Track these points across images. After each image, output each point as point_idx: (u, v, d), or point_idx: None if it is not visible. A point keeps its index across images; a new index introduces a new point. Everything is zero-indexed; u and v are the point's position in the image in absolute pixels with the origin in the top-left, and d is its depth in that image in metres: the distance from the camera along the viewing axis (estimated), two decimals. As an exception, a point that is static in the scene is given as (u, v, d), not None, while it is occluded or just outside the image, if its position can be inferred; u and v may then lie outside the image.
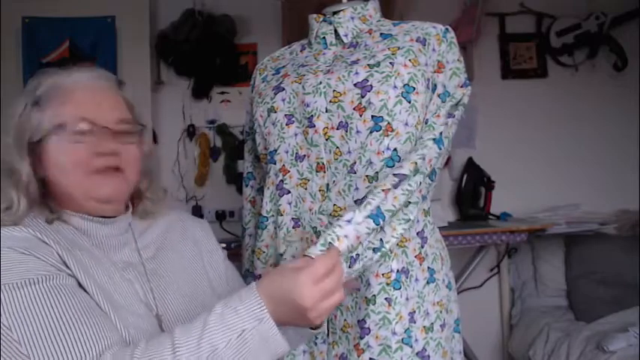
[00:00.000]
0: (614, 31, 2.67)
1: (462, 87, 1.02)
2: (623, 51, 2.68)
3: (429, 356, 0.98)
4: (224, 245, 2.28)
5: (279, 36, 2.57)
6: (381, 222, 0.90)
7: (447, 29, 1.03)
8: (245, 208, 1.27)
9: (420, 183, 0.96)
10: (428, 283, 1.01)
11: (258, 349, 0.76)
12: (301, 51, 1.14)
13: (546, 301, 2.55)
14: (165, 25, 2.62)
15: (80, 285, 0.81)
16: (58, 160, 0.87)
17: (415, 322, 0.98)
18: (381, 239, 0.92)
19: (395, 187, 0.92)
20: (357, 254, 0.90)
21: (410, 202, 0.96)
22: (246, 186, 1.26)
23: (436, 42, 1.01)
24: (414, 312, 0.98)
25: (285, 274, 0.77)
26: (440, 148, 0.99)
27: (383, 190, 0.92)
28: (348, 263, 0.90)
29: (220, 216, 2.61)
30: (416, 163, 0.95)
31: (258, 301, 0.76)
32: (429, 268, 1.02)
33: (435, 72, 1.01)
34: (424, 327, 0.99)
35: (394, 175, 0.93)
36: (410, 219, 0.94)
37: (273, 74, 1.13)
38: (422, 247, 1.01)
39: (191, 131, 2.67)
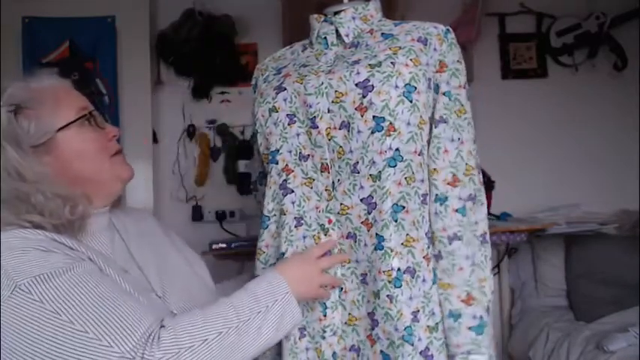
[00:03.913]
0: (614, 31, 2.67)
1: (463, 87, 1.03)
2: (623, 51, 2.68)
3: (432, 355, 0.98)
4: (224, 245, 2.30)
5: (279, 36, 2.57)
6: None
7: (447, 30, 1.04)
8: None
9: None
10: (434, 283, 1.01)
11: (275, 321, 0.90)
12: (302, 51, 1.14)
13: (546, 301, 2.55)
14: (165, 25, 2.62)
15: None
16: (81, 148, 0.90)
17: (419, 322, 0.98)
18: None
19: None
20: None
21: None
22: (261, 185, 1.24)
23: (437, 42, 1.02)
24: (418, 311, 0.98)
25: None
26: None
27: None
28: None
29: (220, 216, 2.61)
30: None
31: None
32: (434, 268, 1.02)
33: (436, 72, 1.02)
34: (428, 326, 0.99)
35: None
36: None
37: (274, 74, 1.13)
38: (429, 247, 1.02)
39: (191, 131, 2.67)
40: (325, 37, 1.08)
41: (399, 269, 0.97)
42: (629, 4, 2.63)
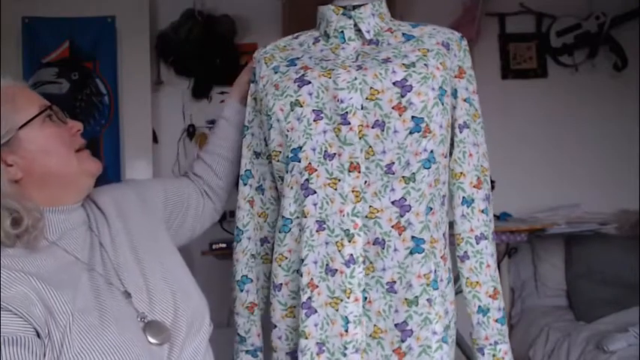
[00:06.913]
0: (614, 31, 2.67)
1: (476, 93, 1.06)
2: (623, 51, 2.68)
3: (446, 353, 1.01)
4: (224, 245, 2.29)
5: (279, 36, 2.54)
6: None
7: (462, 36, 1.06)
8: (242, 208, 1.17)
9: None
10: (448, 283, 1.03)
11: None
12: (314, 43, 1.09)
13: (546, 301, 2.55)
14: (165, 25, 2.62)
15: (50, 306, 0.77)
16: (46, 144, 0.88)
17: None
18: None
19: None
20: None
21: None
22: (245, 184, 1.15)
23: (457, 48, 1.04)
24: None
25: None
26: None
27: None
28: None
29: (220, 216, 2.60)
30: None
31: None
32: (448, 268, 1.04)
33: (455, 77, 1.03)
34: (445, 325, 1.01)
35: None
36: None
37: (286, 65, 1.07)
38: (445, 247, 1.03)
39: (191, 131, 2.67)
40: (342, 31, 1.04)
41: (435, 271, 0.98)
42: (629, 4, 2.63)
